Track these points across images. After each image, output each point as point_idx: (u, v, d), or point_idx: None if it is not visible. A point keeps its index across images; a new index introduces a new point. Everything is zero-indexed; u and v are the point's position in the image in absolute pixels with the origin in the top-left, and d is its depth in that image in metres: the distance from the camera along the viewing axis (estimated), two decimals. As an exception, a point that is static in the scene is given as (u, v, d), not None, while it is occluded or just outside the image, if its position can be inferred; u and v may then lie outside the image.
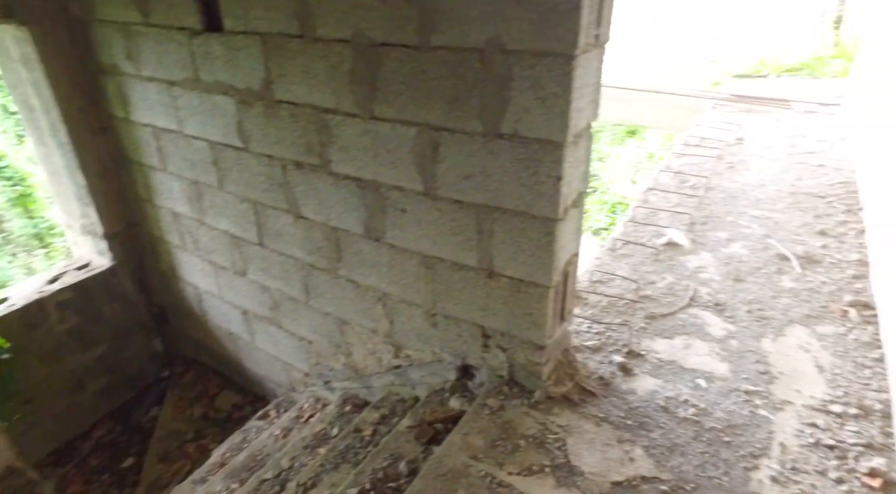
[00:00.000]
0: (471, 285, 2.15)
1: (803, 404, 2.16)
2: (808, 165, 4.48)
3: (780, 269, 3.04)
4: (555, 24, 1.54)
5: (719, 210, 3.72)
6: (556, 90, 1.62)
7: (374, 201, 2.23)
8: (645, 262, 3.12)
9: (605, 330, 2.55)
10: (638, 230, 3.44)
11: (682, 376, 2.30)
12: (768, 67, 7.55)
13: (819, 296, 2.80)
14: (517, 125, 1.74)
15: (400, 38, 1.83)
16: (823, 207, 3.74)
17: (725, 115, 5.82)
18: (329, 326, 2.81)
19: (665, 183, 4.15)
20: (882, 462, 1.88)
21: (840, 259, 3.12)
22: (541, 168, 1.76)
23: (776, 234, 3.41)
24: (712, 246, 3.28)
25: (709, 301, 2.77)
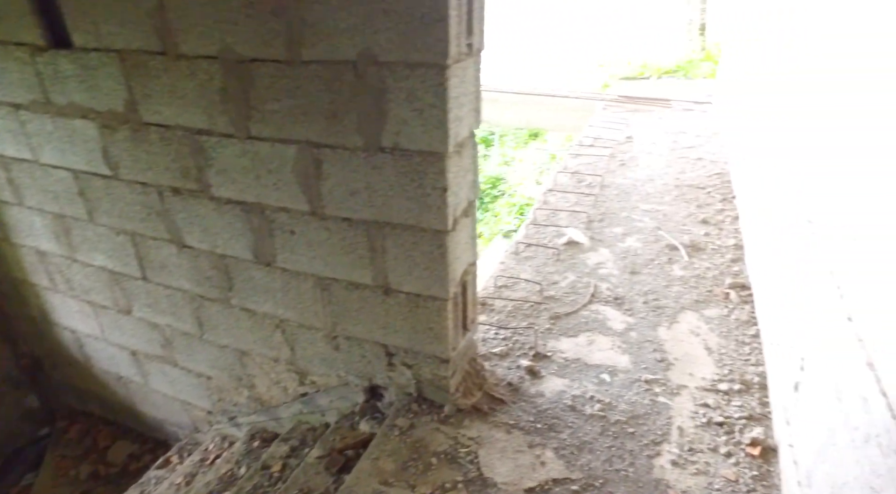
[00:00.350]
0: (369, 303, 2.08)
1: (696, 386, 2.28)
2: (689, 159, 4.81)
3: (670, 259, 3.22)
4: (424, 35, 1.52)
5: (614, 206, 3.89)
6: (432, 101, 1.60)
7: (260, 224, 2.11)
8: (547, 263, 3.20)
9: (512, 335, 2.57)
10: (539, 232, 3.52)
11: (587, 373, 2.36)
12: (650, 69, 8.10)
13: (705, 281, 2.99)
14: (397, 138, 1.70)
15: (270, 54, 1.73)
16: (704, 197, 4.03)
17: (615, 115, 6.14)
18: (228, 359, 2.63)
19: (563, 183, 4.29)
20: (760, 430, 2.02)
21: (720, 245, 3.35)
22: (425, 180, 1.73)
23: (665, 225, 3.61)
24: (610, 242, 3.42)
25: (609, 296, 2.88)
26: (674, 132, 5.54)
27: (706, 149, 5.02)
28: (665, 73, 8.12)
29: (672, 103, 6.55)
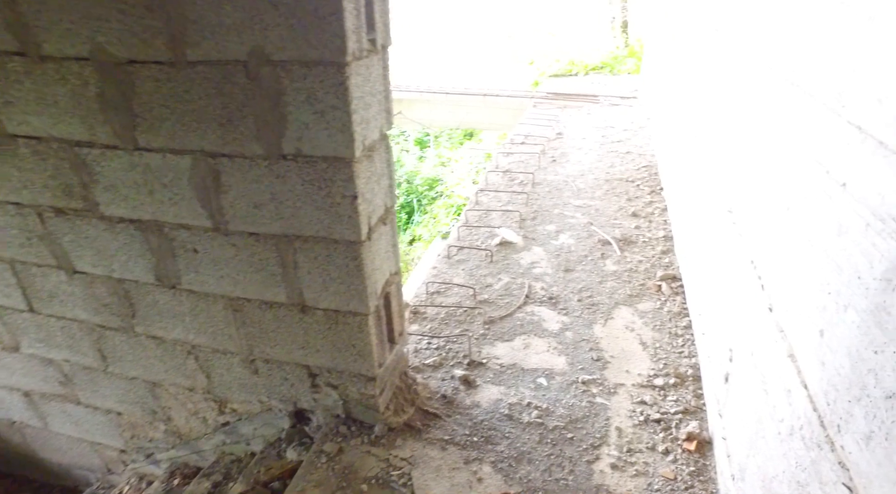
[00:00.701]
0: (285, 323, 1.92)
1: (633, 383, 2.25)
2: (618, 153, 4.88)
3: (603, 254, 3.22)
4: (317, 30, 1.38)
5: (546, 203, 3.87)
6: (334, 102, 1.47)
7: (159, 244, 1.91)
8: (481, 265, 3.12)
9: (445, 344, 2.47)
10: (472, 234, 3.44)
11: (523, 378, 2.28)
12: (577, 66, 8.24)
13: (637, 275, 3.00)
14: (300, 144, 1.56)
15: (150, 54, 1.55)
16: (633, 190, 4.07)
17: (545, 111, 6.18)
18: (138, 391, 2.39)
19: (495, 182, 4.24)
20: (696, 424, 2.01)
21: (650, 237, 3.38)
22: (334, 188, 1.60)
23: (597, 220, 3.62)
24: (543, 240, 3.39)
25: (543, 296, 2.83)
26: (602, 127, 5.62)
27: (634, 142, 5.12)
28: (592, 69, 8.28)
29: (600, 99, 6.67)
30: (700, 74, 3.09)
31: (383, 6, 1.59)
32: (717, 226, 2.24)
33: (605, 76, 7.96)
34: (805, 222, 1.33)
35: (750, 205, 1.84)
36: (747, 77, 2.10)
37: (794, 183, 1.45)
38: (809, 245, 1.29)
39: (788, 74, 1.61)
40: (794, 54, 1.59)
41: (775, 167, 1.63)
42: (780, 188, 1.55)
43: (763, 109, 1.84)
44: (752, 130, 1.94)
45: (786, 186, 1.51)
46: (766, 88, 1.84)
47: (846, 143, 1.17)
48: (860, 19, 1.20)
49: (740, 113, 2.14)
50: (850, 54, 1.22)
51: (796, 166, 1.44)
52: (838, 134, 1.21)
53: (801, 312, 1.29)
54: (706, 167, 2.62)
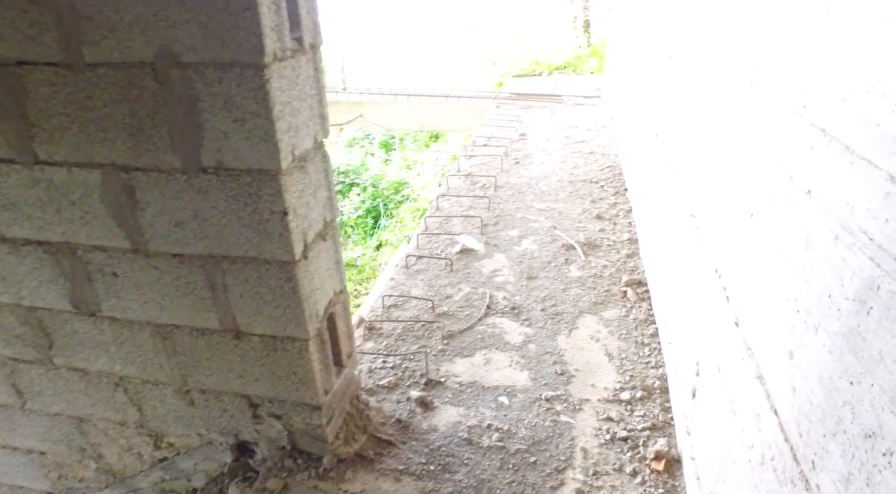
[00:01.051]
0: (220, 351, 1.75)
1: (599, 398, 2.14)
2: (582, 153, 4.81)
3: (567, 259, 3.12)
4: (231, 29, 1.22)
5: (509, 208, 3.76)
6: (254, 109, 1.31)
7: (73, 267, 1.71)
8: (440, 275, 2.98)
9: (402, 362, 2.33)
10: (432, 242, 3.31)
11: (484, 397, 2.15)
12: (541, 66, 8.19)
13: (602, 281, 2.90)
14: (220, 155, 1.39)
15: (42, 55, 1.36)
16: (597, 191, 4.00)
17: (508, 112, 6.09)
18: (63, 428, 2.18)
19: (457, 186, 4.11)
20: (664, 441, 1.91)
21: (615, 240, 3.30)
22: (261, 204, 1.44)
23: (561, 224, 3.52)
24: (505, 246, 3.27)
25: (505, 306, 2.71)
26: (566, 127, 5.55)
27: (597, 142, 5.06)
28: (556, 69, 8.25)
29: (563, 99, 6.62)
30: (661, 72, 3.02)
31: (310, 1, 1.44)
32: (681, 230, 2.16)
33: (569, 76, 7.93)
34: (770, 230, 1.24)
35: (712, 209, 1.75)
36: (707, 74, 2.02)
37: (756, 188, 1.35)
38: (776, 257, 1.19)
39: (747, 71, 1.52)
40: (751, 51, 1.50)
41: (737, 170, 1.53)
42: (743, 193, 1.46)
43: (723, 107, 1.75)
44: (712, 130, 1.86)
45: (748, 190, 1.41)
46: (725, 86, 1.75)
47: (810, 146, 1.07)
48: (818, 12, 1.11)
49: (701, 112, 2.05)
50: (810, 51, 1.12)
51: (759, 170, 1.35)
52: (801, 137, 1.12)
53: (769, 330, 1.19)
54: (668, 168, 2.54)
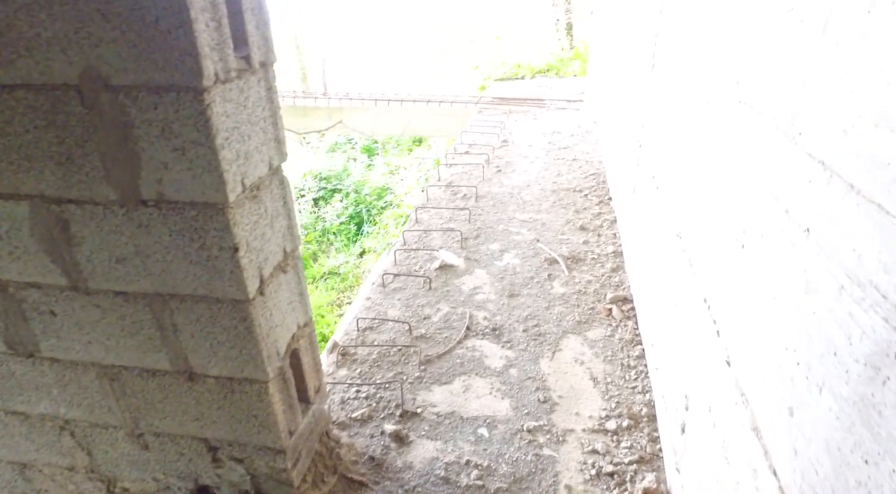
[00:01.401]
0: (173, 393, 1.61)
1: (583, 428, 2.03)
2: (565, 160, 4.71)
3: (550, 274, 3.01)
4: (163, 48, 1.09)
5: (490, 219, 3.65)
6: (194, 137, 1.17)
7: (6, 306, 1.56)
8: (418, 294, 2.86)
9: (376, 391, 2.20)
10: (410, 258, 3.18)
11: (462, 429, 2.03)
12: (524, 69, 8.10)
13: (586, 298, 2.80)
14: (161, 187, 1.26)
15: (-44, 78, 1.22)
16: (581, 201, 3.90)
17: (491, 117, 5.99)
18: (5, 475, 2.02)
19: (436, 197, 3.99)
20: (652, 477, 1.80)
21: (599, 253, 3.20)
22: (208, 239, 1.30)
23: (544, 236, 3.42)
24: (486, 261, 3.16)
25: (486, 327, 2.59)
26: (549, 133, 5.46)
27: (581, 148, 4.97)
28: (538, 72, 8.17)
29: (546, 103, 6.53)
30: (643, 80, 2.92)
31: (259, 16, 1.30)
32: (667, 250, 2.05)
33: (552, 79, 7.85)
34: (763, 267, 1.13)
35: (700, 232, 1.65)
36: (690, 88, 1.92)
37: (747, 217, 1.25)
38: (771, 297, 1.08)
39: (734, 88, 1.42)
40: (737, 66, 1.40)
41: (726, 194, 1.43)
42: (733, 220, 1.35)
43: (709, 124, 1.65)
44: (698, 147, 1.75)
45: (738, 218, 1.31)
46: (710, 102, 1.65)
47: (807, 179, 0.97)
48: (812, 30, 1.01)
49: (685, 126, 1.95)
50: (803, 71, 1.01)
51: (749, 197, 1.24)
52: (797, 167, 1.01)
53: (765, 377, 1.09)
54: (652, 182, 2.44)
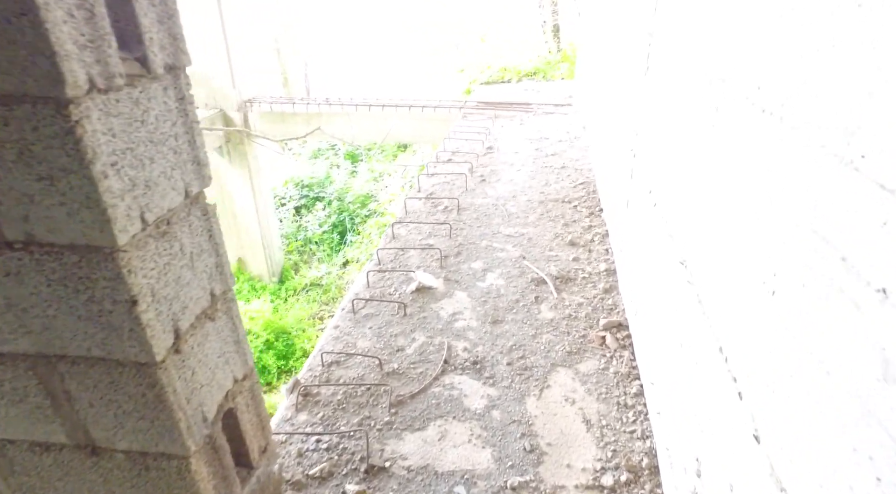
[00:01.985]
0: (74, 470, 1.32)
1: (576, 483, 1.76)
2: (553, 168, 4.47)
3: (537, 297, 2.75)
4: (6, 45, 0.81)
5: (473, 234, 3.38)
6: (64, 163, 0.90)
7: None
8: (392, 321, 2.58)
9: (339, 442, 1.92)
10: (384, 280, 2.90)
11: (437, 487, 1.76)
12: (510, 72, 7.87)
13: (577, 323, 2.54)
14: (28, 226, 0.98)
15: None
16: (570, 213, 3.65)
17: (475, 123, 5.73)
18: None
19: (416, 210, 3.72)
20: (664, 551, 1.54)
21: (591, 272, 2.95)
22: (97, 291, 1.02)
23: (531, 253, 3.16)
24: (468, 282, 2.89)
25: (466, 360, 2.32)
26: (536, 139, 5.22)
27: (570, 155, 4.73)
28: (525, 75, 7.94)
29: (533, 107, 6.29)
30: (636, 84, 2.67)
31: (162, 7, 1.03)
32: (668, 278, 1.80)
33: (539, 82, 7.63)
34: (809, 327, 0.87)
35: (711, 265, 1.39)
36: (694, 91, 1.66)
37: (781, 258, 0.99)
38: (823, 370, 0.82)
39: (756, 94, 1.16)
40: (760, 69, 1.15)
41: (747, 224, 1.17)
42: (759, 258, 1.09)
43: (722, 136, 1.40)
44: (708, 164, 1.50)
45: (768, 258, 1.05)
46: (722, 108, 1.40)
47: (880, 221, 0.71)
48: (887, 16, 0.75)
49: (689, 137, 1.70)
50: (872, 78, 0.75)
51: (783, 234, 0.99)
52: (859, 202, 0.75)
53: (806, 460, 0.82)
54: (649, 197, 2.18)
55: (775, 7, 1.09)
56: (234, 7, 7.19)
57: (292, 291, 8.51)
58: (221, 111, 7.33)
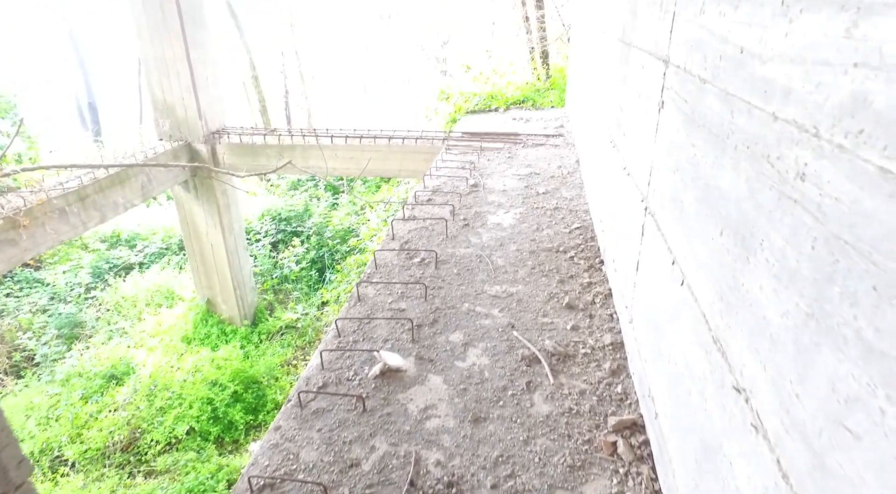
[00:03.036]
0: None
1: None
2: (545, 209, 3.99)
3: (530, 382, 2.23)
4: None
5: (453, 295, 2.87)
6: None
7: None
8: (348, 420, 2.04)
9: None
10: (342, 360, 2.37)
11: None
12: (497, 100, 7.47)
13: (580, 421, 2.02)
14: None
15: None
16: (566, 266, 3.15)
17: (460, 156, 5.27)
18: None
19: (387, 264, 3.21)
20: None
21: (594, 346, 2.43)
22: None
23: (521, 319, 2.65)
24: (444, 361, 2.36)
25: (438, 481, 1.78)
26: (525, 175, 4.75)
27: (563, 194, 4.26)
28: (513, 103, 7.54)
29: (522, 138, 5.86)
30: (648, 117, 2.21)
31: None
32: (700, 368, 1.29)
33: (528, 111, 7.23)
34: None
35: (788, 400, 0.89)
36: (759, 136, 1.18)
37: None
38: None
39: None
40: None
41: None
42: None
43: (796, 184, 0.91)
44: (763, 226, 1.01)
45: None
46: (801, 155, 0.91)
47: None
48: None
49: (739, 187, 1.21)
50: None
51: None
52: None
53: None
54: (676, 271, 1.69)
55: None
56: (202, 33, 6.75)
57: (266, 334, 7.92)
58: (187, 143, 6.83)
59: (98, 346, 7.64)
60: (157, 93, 6.72)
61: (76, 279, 8.82)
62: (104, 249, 9.70)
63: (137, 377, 6.69)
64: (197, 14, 6.60)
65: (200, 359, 6.85)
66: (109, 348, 7.51)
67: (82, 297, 8.58)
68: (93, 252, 9.55)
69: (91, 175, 5.54)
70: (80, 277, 8.88)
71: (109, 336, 7.87)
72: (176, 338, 7.64)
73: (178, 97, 6.54)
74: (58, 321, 7.85)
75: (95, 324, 8.11)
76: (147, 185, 6.20)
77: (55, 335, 7.65)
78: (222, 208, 7.13)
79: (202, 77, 6.65)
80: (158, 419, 6.12)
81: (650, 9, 2.15)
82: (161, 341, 7.63)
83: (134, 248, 9.82)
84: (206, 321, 7.73)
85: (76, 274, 8.90)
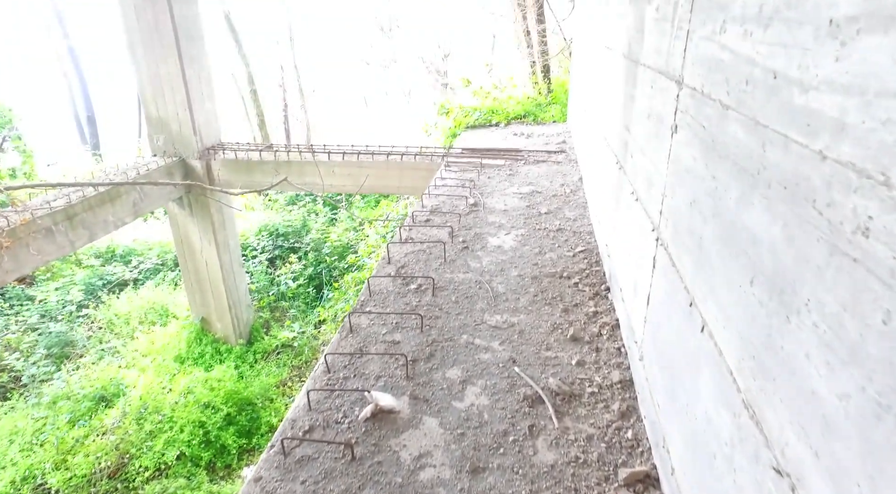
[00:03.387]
0: None
1: None
2: (548, 230, 3.84)
3: (532, 426, 2.06)
4: None
5: (451, 326, 2.71)
6: None
7: None
8: (335, 470, 1.87)
9: None
10: (330, 401, 2.20)
11: None
12: (497, 115, 7.36)
13: (588, 472, 1.84)
14: None
15: None
16: (570, 293, 2.99)
17: (459, 174, 5.13)
18: None
19: (381, 291, 3.05)
20: None
21: (601, 384, 2.27)
22: None
23: (523, 353, 2.48)
24: (441, 401, 2.19)
25: (432, 543, 1.61)
26: (527, 193, 4.61)
27: (566, 214, 4.11)
28: (514, 118, 7.43)
29: (523, 154, 5.73)
30: (659, 138, 2.06)
31: None
32: (724, 422, 1.12)
33: (529, 126, 7.11)
34: None
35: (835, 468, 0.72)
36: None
37: None
38: None
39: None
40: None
41: None
42: None
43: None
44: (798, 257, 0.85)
45: None
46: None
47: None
48: None
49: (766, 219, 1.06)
50: None
51: None
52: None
53: None
54: (694, 314, 1.53)
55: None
56: (198, 48, 6.65)
57: (261, 353, 7.74)
58: (181, 159, 6.70)
59: (88, 366, 7.45)
60: (152, 108, 6.62)
61: (68, 297, 8.65)
62: (98, 265, 9.54)
63: (127, 398, 6.50)
64: (193, 29, 6.51)
65: (193, 380, 6.66)
66: (100, 368, 7.33)
67: (74, 315, 8.40)
68: (86, 268, 9.39)
69: (80, 193, 5.40)
70: (73, 294, 8.71)
71: (101, 356, 7.68)
72: (169, 358, 7.46)
73: (172, 113, 6.43)
74: (47, 339, 7.67)
75: (87, 343, 7.93)
76: (139, 202, 6.06)
77: (44, 354, 7.46)
78: (217, 225, 6.99)
79: (197, 92, 6.55)
80: (148, 443, 5.92)
81: (661, 24, 2.01)
82: (153, 360, 7.45)
83: (129, 264, 9.66)
84: (199, 340, 7.55)
85: (68, 291, 8.73)
